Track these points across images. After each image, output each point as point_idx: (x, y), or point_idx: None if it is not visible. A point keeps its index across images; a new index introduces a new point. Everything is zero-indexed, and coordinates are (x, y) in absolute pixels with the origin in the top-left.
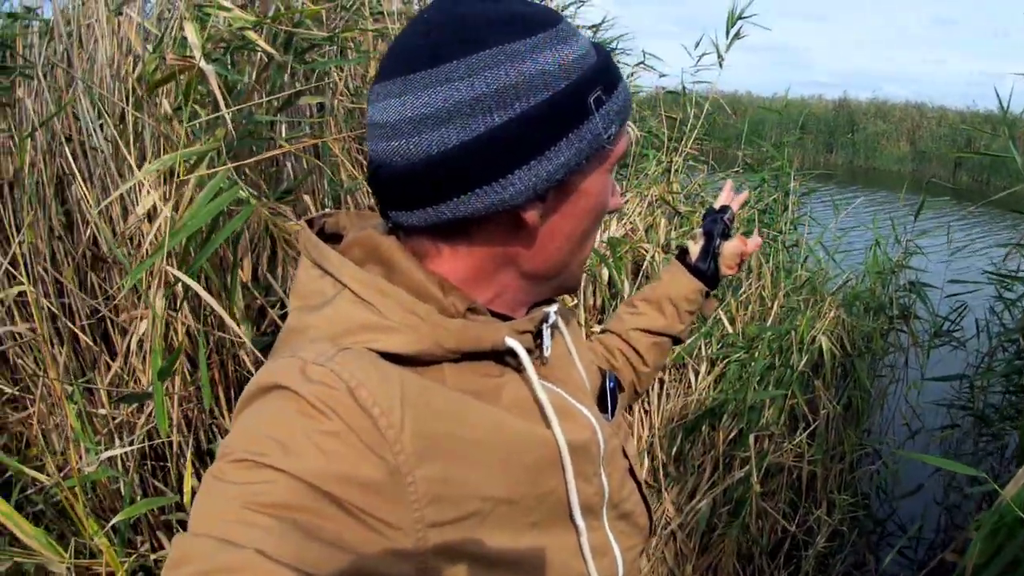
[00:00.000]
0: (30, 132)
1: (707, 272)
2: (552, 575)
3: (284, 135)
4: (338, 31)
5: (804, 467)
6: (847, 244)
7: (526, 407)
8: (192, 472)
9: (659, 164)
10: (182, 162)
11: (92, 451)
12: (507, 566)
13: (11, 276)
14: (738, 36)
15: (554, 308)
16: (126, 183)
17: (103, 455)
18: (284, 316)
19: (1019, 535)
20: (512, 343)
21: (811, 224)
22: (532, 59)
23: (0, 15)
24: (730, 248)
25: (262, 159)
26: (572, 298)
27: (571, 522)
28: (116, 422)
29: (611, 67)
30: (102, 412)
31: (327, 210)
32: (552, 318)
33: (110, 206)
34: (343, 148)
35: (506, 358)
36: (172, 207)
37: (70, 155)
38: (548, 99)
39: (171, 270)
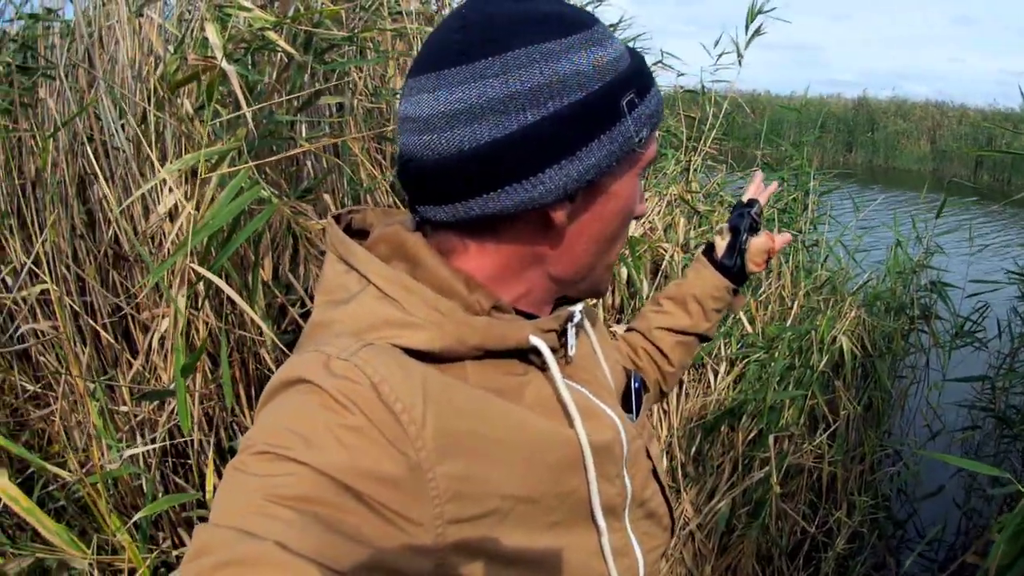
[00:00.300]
0: (53, 132)
1: (733, 268)
2: (572, 575)
3: (304, 135)
4: (357, 31)
5: (824, 468)
6: (867, 243)
7: (549, 406)
8: (214, 470)
9: (678, 163)
10: (204, 161)
11: (114, 448)
12: (526, 565)
13: (34, 275)
14: (758, 33)
15: (579, 307)
16: (149, 182)
17: (126, 453)
18: (305, 314)
19: None
20: (536, 341)
21: (831, 223)
22: (567, 59)
23: (22, 16)
24: (757, 244)
25: (283, 158)
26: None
27: (592, 522)
28: (138, 419)
29: (644, 71)
30: (123, 409)
31: (354, 206)
32: (577, 317)
33: (131, 205)
34: (362, 147)
35: (530, 357)
36: (194, 205)
37: (92, 155)
38: (581, 99)
39: (196, 268)
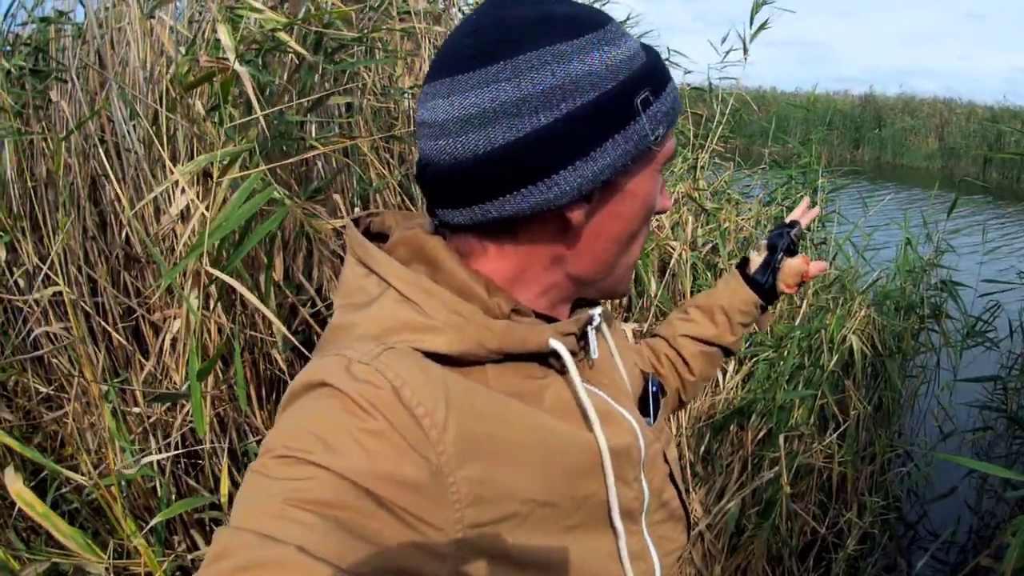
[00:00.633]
0: (66, 135)
1: (764, 285)
2: None
3: (314, 135)
4: (367, 31)
5: (834, 468)
6: (877, 242)
7: (568, 409)
8: (227, 473)
9: (685, 161)
10: (217, 163)
11: (128, 450)
12: (545, 568)
13: (46, 276)
14: (763, 27)
15: (598, 311)
16: (163, 184)
17: (144, 460)
18: (315, 315)
19: None
20: (556, 345)
21: (840, 221)
22: (579, 60)
23: (34, 20)
24: (792, 266)
25: (296, 161)
26: None
27: (610, 526)
28: (150, 420)
29: (659, 68)
30: (136, 411)
31: (372, 209)
32: (596, 320)
33: (143, 206)
34: (371, 147)
35: (549, 360)
36: (207, 207)
37: (103, 156)
38: (594, 100)
39: (213, 270)
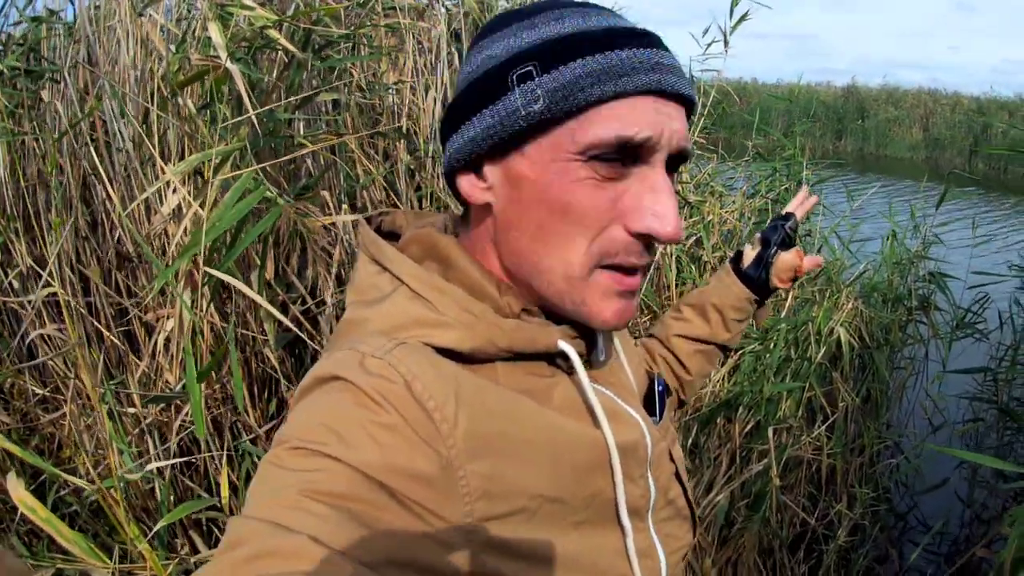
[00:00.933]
0: (60, 136)
1: (757, 280)
2: (597, 575)
3: (302, 132)
4: (354, 28)
5: (823, 460)
6: (866, 233)
7: (576, 408)
8: (226, 474)
9: None
10: (209, 162)
11: (126, 453)
12: (553, 563)
13: (39, 276)
14: (744, 18)
15: None
16: (156, 183)
17: (149, 466)
18: (305, 312)
19: None
20: (565, 347)
21: (826, 213)
22: (500, 43)
23: (25, 19)
24: (785, 260)
25: (287, 159)
26: None
27: (617, 523)
28: (147, 421)
29: (569, 42)
30: (131, 411)
31: (384, 208)
32: None
33: (136, 206)
34: (358, 143)
35: (557, 360)
36: (200, 206)
37: (95, 155)
38: (482, 74)
39: (210, 270)
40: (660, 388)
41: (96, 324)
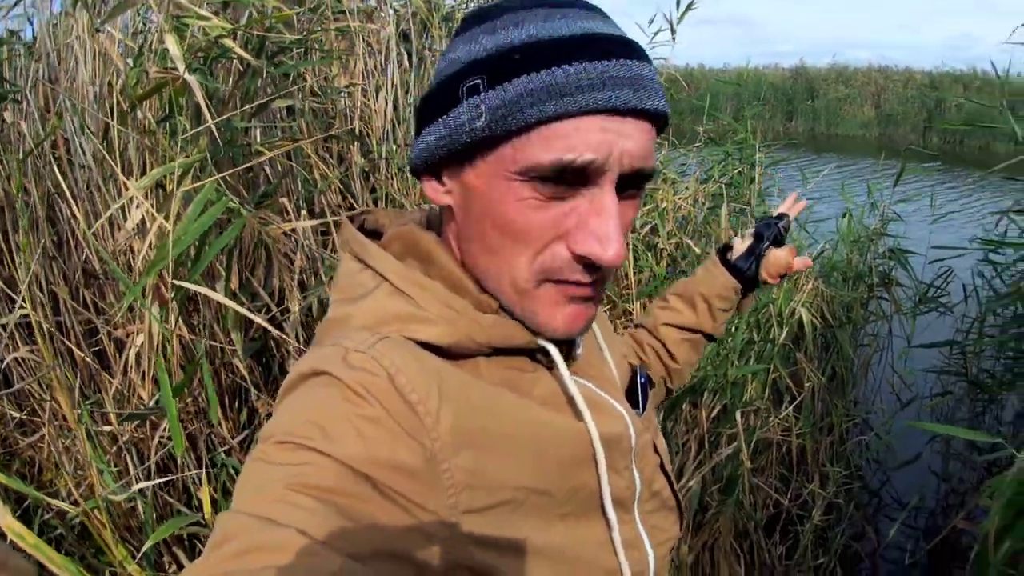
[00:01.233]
0: (25, 156)
1: (746, 272)
2: (583, 567)
3: (258, 139)
4: (306, 33)
5: (793, 441)
6: (819, 213)
7: (558, 401)
8: (207, 489)
9: None
10: (171, 175)
11: (107, 472)
12: (539, 554)
13: (9, 299)
14: (690, 7)
15: None
16: (121, 199)
17: (134, 487)
18: (271, 320)
19: None
20: (543, 341)
21: (780, 195)
22: (463, 47)
23: None
24: (778, 256)
25: (247, 167)
26: None
27: (603, 515)
28: (124, 439)
29: (520, 51)
30: (107, 429)
31: (367, 207)
32: None
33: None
34: (313, 148)
35: (538, 355)
36: (165, 217)
37: (58, 174)
38: (444, 78)
39: (179, 282)
40: (642, 380)
41: (67, 343)
